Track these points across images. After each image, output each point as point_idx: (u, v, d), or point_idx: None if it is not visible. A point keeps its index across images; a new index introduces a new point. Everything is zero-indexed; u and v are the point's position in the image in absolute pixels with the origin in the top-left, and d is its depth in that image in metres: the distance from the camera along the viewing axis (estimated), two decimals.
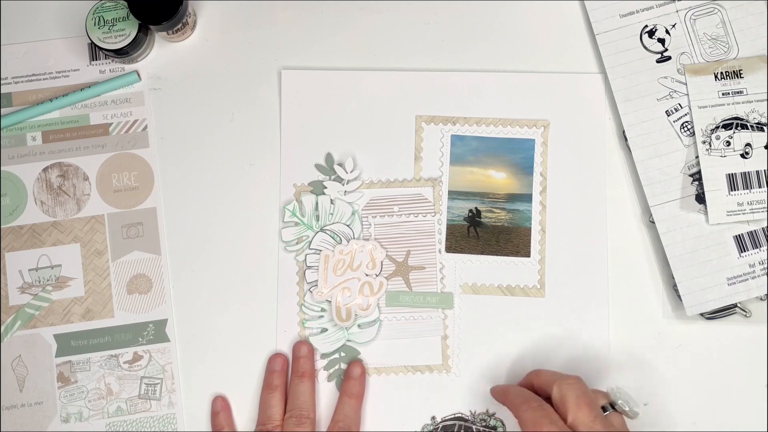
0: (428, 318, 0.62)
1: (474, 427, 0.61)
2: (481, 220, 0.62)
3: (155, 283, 0.62)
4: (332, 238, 0.62)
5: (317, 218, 0.62)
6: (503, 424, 0.61)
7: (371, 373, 0.61)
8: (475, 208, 0.62)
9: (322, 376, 0.61)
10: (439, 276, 0.62)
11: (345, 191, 0.63)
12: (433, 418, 0.61)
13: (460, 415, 0.61)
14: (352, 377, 0.61)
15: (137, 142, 0.64)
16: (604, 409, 0.52)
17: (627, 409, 0.53)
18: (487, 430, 0.61)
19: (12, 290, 0.62)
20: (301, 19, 0.65)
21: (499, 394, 0.57)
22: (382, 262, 0.62)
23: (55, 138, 0.63)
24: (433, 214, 0.63)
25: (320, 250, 0.62)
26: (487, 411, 0.61)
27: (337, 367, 0.62)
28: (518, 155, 0.63)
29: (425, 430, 0.61)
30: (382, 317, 0.62)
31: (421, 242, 0.62)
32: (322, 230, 0.62)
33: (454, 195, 0.63)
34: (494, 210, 0.62)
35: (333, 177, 0.63)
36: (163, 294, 0.62)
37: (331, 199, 0.63)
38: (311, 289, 0.62)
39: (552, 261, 0.62)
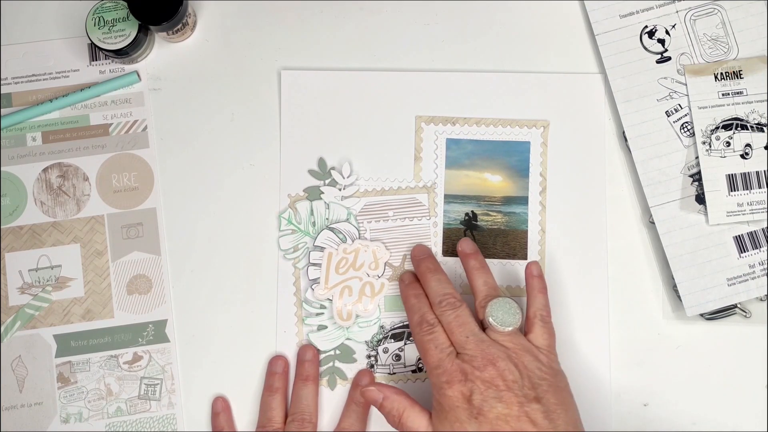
0: None
1: None
2: (478, 223, 0.62)
3: (155, 283, 0.62)
4: (337, 236, 0.62)
5: (313, 224, 0.62)
6: None
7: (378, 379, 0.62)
8: (472, 211, 0.62)
9: None
10: None
11: (342, 196, 0.62)
12: (382, 327, 0.61)
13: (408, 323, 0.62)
14: (360, 386, 0.60)
15: (137, 142, 0.64)
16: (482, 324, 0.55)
17: (495, 324, 0.53)
18: None
19: (12, 290, 0.62)
20: (301, 19, 0.65)
21: (402, 297, 0.59)
22: (385, 263, 0.62)
23: (55, 138, 0.63)
24: (428, 218, 0.62)
25: (324, 248, 0.62)
26: None
27: (330, 364, 0.61)
28: (513, 158, 0.63)
29: (375, 338, 0.61)
30: (383, 317, 0.62)
31: None
32: (328, 228, 0.62)
33: (450, 199, 0.63)
34: (490, 213, 0.62)
35: (328, 181, 0.63)
36: (163, 294, 0.62)
37: (326, 203, 0.62)
38: (313, 287, 0.62)
39: (552, 261, 0.62)
